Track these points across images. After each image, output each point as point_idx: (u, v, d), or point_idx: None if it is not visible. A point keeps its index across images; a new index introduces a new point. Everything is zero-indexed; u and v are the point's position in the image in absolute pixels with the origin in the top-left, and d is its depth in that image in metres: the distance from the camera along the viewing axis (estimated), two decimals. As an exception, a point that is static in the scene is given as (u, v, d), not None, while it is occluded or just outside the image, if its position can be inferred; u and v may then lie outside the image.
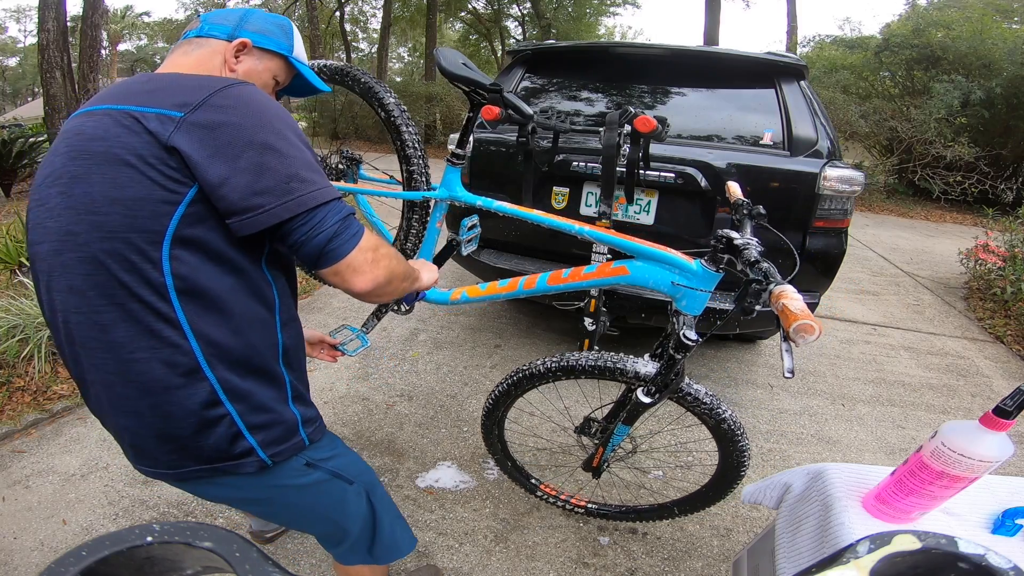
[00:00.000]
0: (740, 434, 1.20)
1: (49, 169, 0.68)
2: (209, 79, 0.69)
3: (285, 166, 0.66)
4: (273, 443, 0.76)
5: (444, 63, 1.33)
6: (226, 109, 0.65)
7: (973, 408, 2.42)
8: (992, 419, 0.70)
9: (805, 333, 0.68)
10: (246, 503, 0.88)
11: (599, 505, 1.56)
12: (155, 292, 0.66)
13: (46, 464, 1.75)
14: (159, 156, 0.63)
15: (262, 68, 0.83)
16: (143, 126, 0.63)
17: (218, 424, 0.71)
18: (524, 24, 19.40)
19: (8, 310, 2.26)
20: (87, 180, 0.64)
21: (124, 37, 28.54)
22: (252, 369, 0.74)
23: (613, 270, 1.11)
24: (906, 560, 0.29)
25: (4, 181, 6.07)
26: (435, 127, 12.44)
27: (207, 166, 0.63)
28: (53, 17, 6.30)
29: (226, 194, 0.64)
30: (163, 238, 0.65)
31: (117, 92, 0.69)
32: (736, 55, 2.12)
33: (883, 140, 8.48)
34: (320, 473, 0.85)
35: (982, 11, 8.84)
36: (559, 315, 2.92)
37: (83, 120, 0.67)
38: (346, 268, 0.71)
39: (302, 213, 0.67)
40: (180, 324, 0.67)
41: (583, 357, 1.22)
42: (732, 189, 1.27)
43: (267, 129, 0.66)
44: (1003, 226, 4.04)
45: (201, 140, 0.63)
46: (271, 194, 0.65)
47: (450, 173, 1.42)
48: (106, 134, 0.64)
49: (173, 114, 0.64)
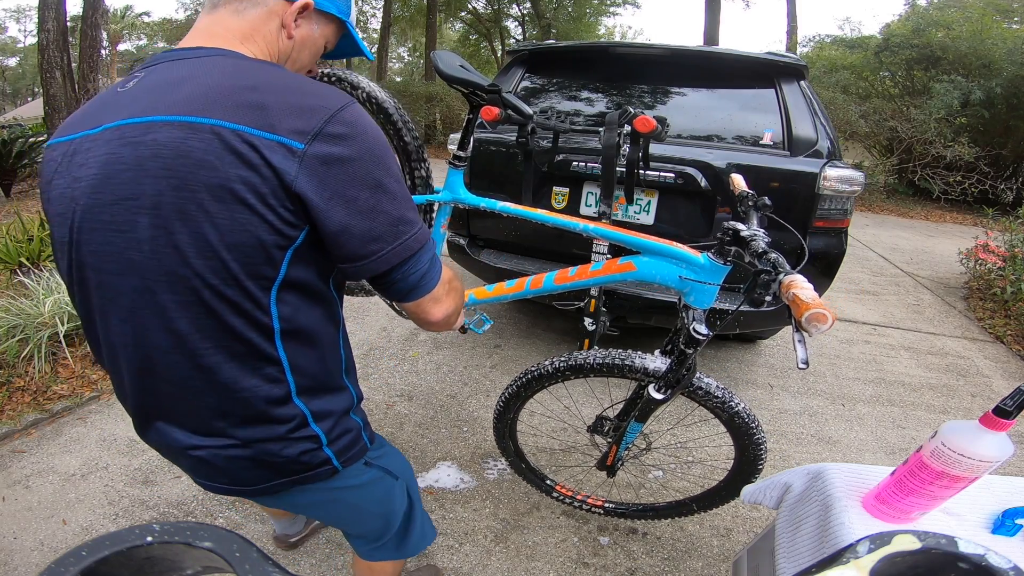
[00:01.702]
0: (755, 427, 1.19)
1: (132, 190, 0.58)
2: (317, 91, 0.62)
3: (395, 208, 0.64)
4: (345, 450, 0.78)
5: (441, 66, 1.33)
6: (343, 140, 0.59)
7: (973, 408, 2.42)
8: (992, 419, 0.70)
9: (818, 322, 0.66)
10: (309, 507, 0.89)
11: (616, 504, 1.55)
12: (262, 335, 0.64)
13: (46, 464, 1.75)
14: (279, 197, 0.57)
15: (319, 35, 0.76)
16: (263, 158, 0.56)
17: (302, 442, 0.72)
18: (524, 24, 19.41)
19: (8, 310, 2.26)
20: (197, 220, 0.57)
21: (124, 37, 28.53)
22: (330, 388, 0.75)
23: (620, 267, 1.10)
24: (906, 560, 0.29)
25: (4, 181, 6.07)
26: (435, 127, 12.44)
27: (327, 211, 0.59)
28: (53, 17, 6.30)
29: (345, 241, 0.61)
30: (274, 284, 0.62)
31: (211, 95, 0.58)
32: (736, 55, 2.12)
33: (883, 140, 8.48)
34: (375, 471, 0.87)
35: (982, 11, 8.84)
36: (559, 315, 2.92)
37: (185, 135, 0.57)
38: (429, 300, 0.72)
39: (409, 257, 0.66)
40: (281, 362, 0.67)
41: (592, 355, 1.21)
42: (736, 181, 1.27)
43: (380, 166, 0.63)
44: (1003, 226, 4.04)
45: (321, 180, 0.58)
46: (384, 240, 0.63)
47: (453, 175, 1.42)
48: (220, 162, 0.56)
49: (294, 145, 0.57)
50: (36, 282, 2.45)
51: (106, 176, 0.60)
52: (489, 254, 2.36)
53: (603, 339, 1.90)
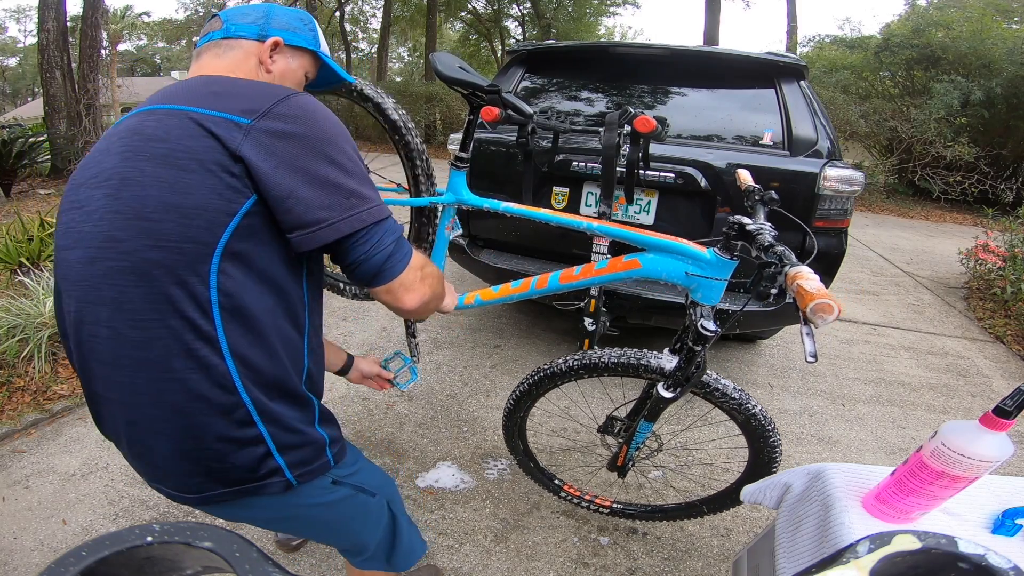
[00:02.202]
0: (771, 429, 1.18)
1: (96, 169, 0.64)
2: (270, 86, 0.67)
3: (346, 181, 0.66)
4: (301, 464, 0.74)
5: (441, 68, 1.33)
6: (291, 119, 0.64)
7: (973, 408, 2.42)
8: (992, 419, 0.70)
9: (823, 313, 0.65)
10: (271, 522, 0.87)
11: (624, 505, 1.54)
12: (199, 308, 0.62)
13: (46, 464, 1.75)
14: (222, 163, 0.60)
15: (296, 66, 0.82)
16: (208, 130, 0.61)
17: (248, 445, 0.69)
18: (524, 24, 19.41)
19: (8, 310, 2.26)
20: (140, 183, 0.60)
21: (124, 37, 28.51)
22: (283, 391, 0.72)
23: (625, 264, 1.09)
24: (906, 560, 0.29)
25: (4, 181, 6.06)
26: (435, 127, 12.44)
27: (273, 178, 0.61)
28: (53, 17, 6.30)
29: (292, 207, 0.63)
30: (214, 250, 0.61)
31: (179, 92, 0.66)
32: (736, 55, 2.12)
33: (883, 140, 8.48)
34: (345, 489, 0.84)
35: (982, 11, 8.83)
36: (559, 315, 2.92)
37: (142, 119, 0.64)
38: (399, 286, 0.72)
39: (362, 229, 0.67)
40: (219, 343, 0.64)
41: (605, 354, 1.20)
42: (742, 176, 1.26)
43: (330, 143, 0.66)
44: (1003, 226, 4.04)
45: (268, 150, 0.62)
46: (333, 209, 0.64)
47: (455, 177, 1.42)
48: (168, 135, 0.61)
49: (240, 120, 0.61)
50: (36, 282, 2.45)
51: (82, 166, 0.67)
52: (489, 254, 2.36)
53: (603, 339, 1.90)
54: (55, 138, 6.79)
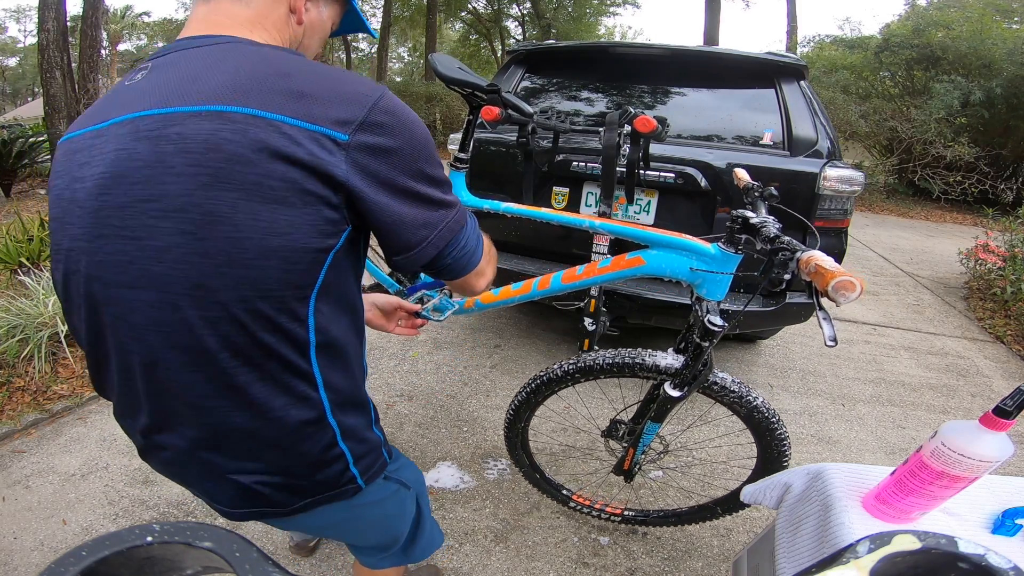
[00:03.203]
0: (776, 421, 1.16)
1: (147, 190, 0.51)
2: (350, 78, 0.58)
3: (437, 192, 0.62)
4: (368, 468, 0.75)
5: (440, 68, 1.33)
6: (388, 130, 0.56)
7: (973, 408, 2.42)
8: (992, 419, 0.70)
9: (845, 290, 0.64)
10: (325, 527, 0.86)
11: (636, 511, 1.52)
12: (297, 350, 0.58)
13: (46, 464, 1.75)
14: (322, 194, 0.52)
15: (326, 16, 0.73)
16: (304, 149, 0.51)
17: (332, 463, 0.69)
18: (524, 24, 19.42)
19: (8, 310, 2.26)
20: (233, 223, 0.50)
21: (124, 37, 28.54)
22: (355, 403, 0.71)
23: (628, 262, 1.09)
24: (906, 560, 0.29)
25: (4, 181, 6.06)
26: (435, 127, 12.45)
27: (377, 203, 0.55)
28: (53, 17, 6.29)
29: (398, 232, 0.58)
30: (312, 293, 0.56)
31: (246, 83, 0.52)
32: (736, 55, 2.12)
33: (883, 140, 8.48)
34: (393, 484, 0.85)
35: (982, 11, 8.83)
36: (559, 315, 2.92)
37: (216, 125, 0.50)
38: (474, 275, 0.71)
39: (452, 239, 0.64)
40: (314, 378, 0.61)
41: (600, 356, 1.19)
42: (740, 174, 1.26)
43: (423, 153, 0.60)
44: (1003, 226, 4.04)
45: (368, 171, 0.54)
46: (430, 225, 0.60)
47: (454, 178, 1.42)
48: (257, 156, 0.50)
49: (338, 136, 0.52)
50: (36, 282, 2.45)
51: (117, 175, 0.52)
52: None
53: (603, 339, 1.90)
54: (55, 138, 6.79)
